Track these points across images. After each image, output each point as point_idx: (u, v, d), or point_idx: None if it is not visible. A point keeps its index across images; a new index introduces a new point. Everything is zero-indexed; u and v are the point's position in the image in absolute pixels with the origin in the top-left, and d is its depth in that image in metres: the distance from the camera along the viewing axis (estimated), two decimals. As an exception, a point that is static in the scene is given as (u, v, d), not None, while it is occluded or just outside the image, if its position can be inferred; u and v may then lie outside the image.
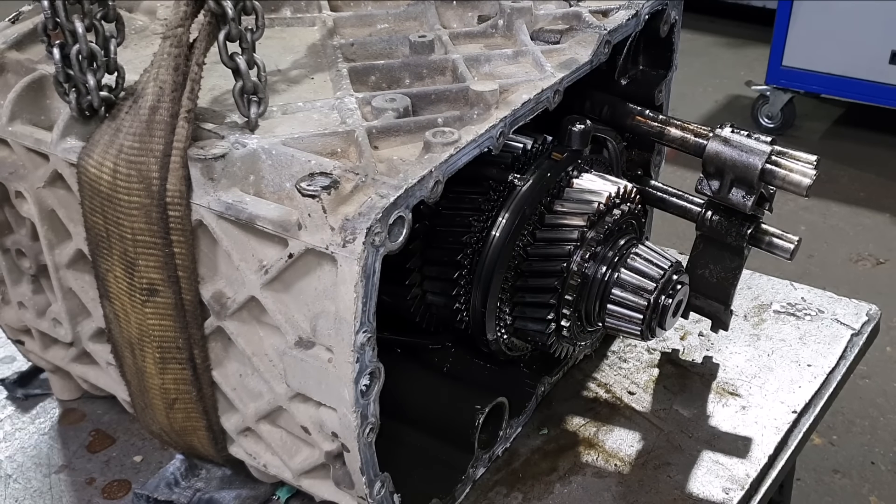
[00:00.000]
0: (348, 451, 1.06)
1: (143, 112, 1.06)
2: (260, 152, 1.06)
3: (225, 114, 1.12)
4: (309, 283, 1.02)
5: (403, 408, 1.21)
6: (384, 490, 1.11)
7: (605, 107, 1.39)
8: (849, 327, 1.55)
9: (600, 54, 1.24)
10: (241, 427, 1.19)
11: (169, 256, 1.08)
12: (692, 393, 1.43)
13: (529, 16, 1.30)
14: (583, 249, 1.20)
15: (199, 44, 1.05)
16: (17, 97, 1.19)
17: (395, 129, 1.09)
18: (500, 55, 1.23)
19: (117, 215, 1.08)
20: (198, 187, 1.04)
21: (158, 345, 1.14)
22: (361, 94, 1.16)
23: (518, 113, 1.11)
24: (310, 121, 1.12)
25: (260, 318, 1.09)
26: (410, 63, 1.23)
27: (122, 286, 1.13)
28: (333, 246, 0.96)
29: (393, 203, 0.96)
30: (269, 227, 1.00)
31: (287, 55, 1.27)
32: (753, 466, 1.29)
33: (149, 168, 1.05)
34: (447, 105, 1.15)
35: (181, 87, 1.05)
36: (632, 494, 1.26)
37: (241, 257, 1.05)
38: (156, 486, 1.29)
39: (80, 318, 1.29)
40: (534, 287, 1.22)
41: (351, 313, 0.96)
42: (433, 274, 1.24)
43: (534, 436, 1.37)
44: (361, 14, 1.36)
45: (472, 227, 1.20)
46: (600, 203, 1.22)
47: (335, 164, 1.02)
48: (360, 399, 1.02)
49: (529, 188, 1.20)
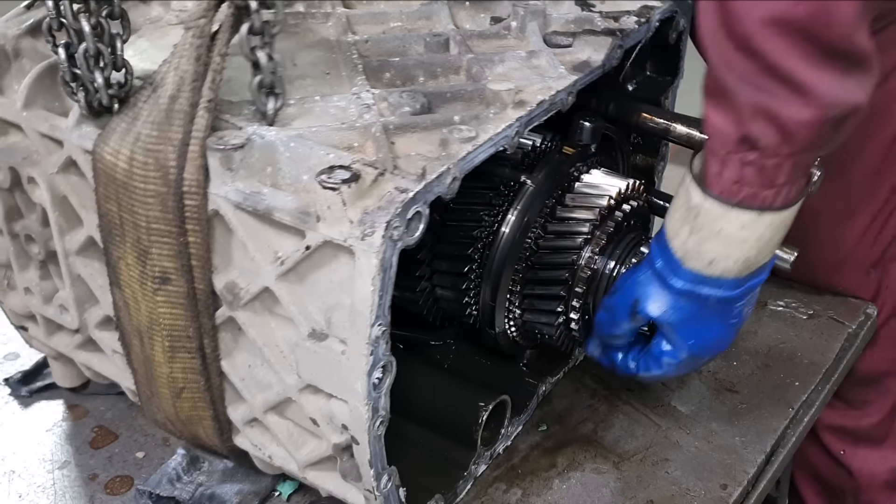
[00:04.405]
0: (357, 444, 1.07)
1: (162, 101, 1.07)
2: (278, 144, 1.07)
3: (243, 105, 1.12)
4: (325, 275, 1.03)
5: (405, 404, 1.21)
6: (391, 483, 1.12)
7: (610, 103, 1.42)
8: (846, 325, 1.57)
9: (612, 58, 1.26)
10: (248, 417, 1.20)
11: (183, 245, 1.08)
12: (690, 390, 1.45)
13: (542, 19, 1.32)
14: (592, 243, 1.23)
15: (221, 34, 1.05)
16: (32, 83, 1.19)
17: (413, 125, 1.10)
18: (513, 56, 1.25)
19: (132, 203, 1.09)
20: (215, 177, 1.05)
21: (168, 333, 1.14)
22: (378, 90, 1.17)
23: (534, 113, 1.13)
24: (326, 115, 1.13)
25: (272, 308, 1.10)
26: (425, 61, 1.25)
27: (133, 274, 1.13)
28: (352, 239, 0.97)
29: (412, 198, 0.97)
30: (286, 218, 1.01)
31: (302, 50, 1.28)
32: (751, 463, 1.32)
33: (166, 157, 1.06)
34: (463, 103, 1.16)
35: (202, 77, 1.05)
36: (630, 490, 1.28)
37: (257, 248, 1.06)
38: (158, 482, 1.30)
39: (87, 304, 1.29)
40: (544, 279, 1.24)
41: (367, 306, 0.97)
42: (443, 268, 1.26)
43: (533, 432, 1.38)
44: (375, 12, 1.37)
45: (483, 222, 1.22)
46: (610, 198, 1.25)
47: (354, 157, 1.03)
48: (372, 392, 1.03)
49: (541, 182, 1.23)
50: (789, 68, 0.95)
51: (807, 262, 1.47)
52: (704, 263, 1.10)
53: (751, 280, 1.13)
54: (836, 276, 1.61)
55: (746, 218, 1.06)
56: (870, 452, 1.68)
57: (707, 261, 1.10)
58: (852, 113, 0.99)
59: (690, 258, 1.11)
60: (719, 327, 1.17)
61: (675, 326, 1.16)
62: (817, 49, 0.94)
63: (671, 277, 1.13)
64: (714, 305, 1.13)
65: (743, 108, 1.00)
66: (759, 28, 0.95)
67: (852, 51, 0.95)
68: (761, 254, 1.10)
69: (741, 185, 1.04)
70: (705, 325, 1.16)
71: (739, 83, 0.99)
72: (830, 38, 0.94)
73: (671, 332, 1.17)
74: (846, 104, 0.98)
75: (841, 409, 1.64)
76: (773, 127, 0.99)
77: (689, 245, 1.10)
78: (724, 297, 1.12)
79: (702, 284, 1.11)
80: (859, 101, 0.99)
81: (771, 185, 1.04)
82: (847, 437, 1.68)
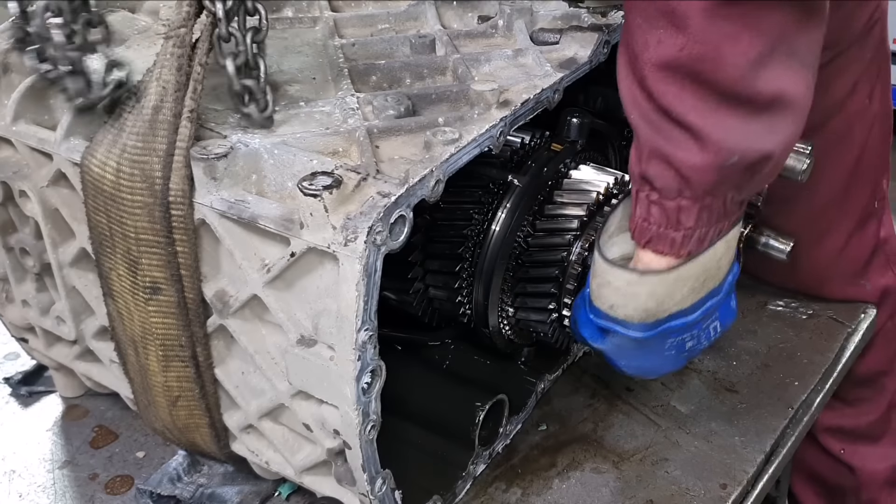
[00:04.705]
0: (350, 449, 1.07)
1: (146, 112, 1.07)
2: (262, 151, 1.07)
3: (228, 113, 1.13)
4: (311, 281, 1.03)
5: (403, 405, 1.22)
6: (385, 487, 1.12)
7: (598, 98, 1.41)
8: (845, 325, 1.56)
9: (599, 54, 1.25)
10: (244, 424, 1.20)
11: (172, 255, 1.09)
12: (690, 389, 1.44)
13: (529, 16, 1.31)
14: (582, 239, 1.22)
15: (201, 44, 1.06)
16: (21, 97, 1.20)
17: (396, 128, 1.10)
18: (500, 55, 1.24)
19: (120, 214, 1.09)
20: (200, 186, 1.05)
21: (161, 343, 1.15)
22: (363, 94, 1.17)
23: (518, 112, 1.12)
24: (311, 120, 1.13)
25: (262, 316, 1.10)
26: (411, 63, 1.24)
27: (125, 284, 1.14)
28: (335, 245, 0.97)
29: (394, 202, 0.97)
30: (271, 226, 1.02)
31: (289, 55, 1.28)
32: (750, 462, 1.30)
33: (152, 167, 1.06)
34: (448, 105, 1.16)
35: (184, 87, 1.06)
36: (630, 490, 1.28)
37: (244, 256, 1.06)
38: (158, 482, 1.30)
39: (83, 315, 1.30)
40: (535, 277, 1.24)
41: (352, 312, 0.97)
42: (435, 267, 1.26)
43: (532, 432, 1.38)
44: (362, 14, 1.37)
45: (474, 220, 1.22)
46: (599, 193, 1.24)
47: (337, 163, 1.03)
48: (361, 397, 1.03)
49: (529, 180, 1.22)
50: (681, 112, 0.91)
51: (796, 278, 1.47)
52: (606, 307, 1.06)
53: (668, 323, 1.05)
54: (825, 288, 1.59)
55: (628, 277, 1.03)
56: (869, 450, 1.66)
57: (608, 305, 1.06)
58: (763, 160, 0.94)
59: (595, 298, 1.08)
60: (655, 357, 1.11)
61: (606, 352, 1.13)
62: (711, 92, 0.90)
63: (589, 311, 1.10)
64: (637, 342, 1.07)
65: (643, 145, 0.97)
66: (652, 70, 0.91)
67: (754, 95, 0.90)
68: (663, 304, 1.03)
69: (649, 224, 1.01)
70: (637, 355, 1.12)
71: (640, 120, 0.96)
72: (724, 82, 0.89)
73: (606, 355, 1.15)
74: (749, 150, 0.93)
75: (838, 408, 1.62)
76: (669, 170, 0.96)
77: (593, 286, 1.08)
78: (640, 338, 1.06)
79: (612, 323, 1.07)
80: (768, 149, 0.93)
81: (677, 226, 0.99)
82: (846, 436, 1.67)
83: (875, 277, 1.59)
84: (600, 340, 1.12)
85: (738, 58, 0.88)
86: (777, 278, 1.59)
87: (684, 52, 0.89)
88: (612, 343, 1.11)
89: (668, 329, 1.06)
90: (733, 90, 0.90)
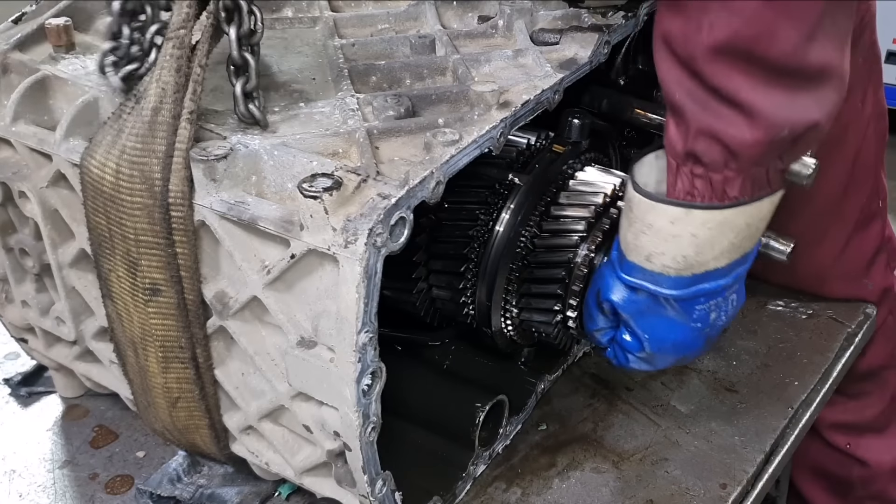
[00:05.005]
0: (350, 450, 1.07)
1: (145, 113, 1.07)
2: (262, 153, 1.07)
3: (227, 115, 1.12)
4: (311, 283, 1.03)
5: (403, 405, 1.22)
6: (385, 488, 1.12)
7: (603, 100, 1.41)
8: (845, 325, 1.56)
9: (599, 54, 1.25)
10: (244, 425, 1.20)
11: (171, 257, 1.09)
12: (690, 389, 1.44)
13: (529, 16, 1.31)
14: (588, 241, 1.22)
15: (201, 45, 1.05)
16: (20, 97, 1.19)
17: (396, 129, 1.10)
18: (500, 55, 1.24)
19: (120, 215, 1.09)
20: (200, 188, 1.05)
21: (161, 344, 1.15)
22: (362, 95, 1.16)
23: (518, 113, 1.12)
24: (311, 121, 1.13)
25: (262, 317, 1.10)
26: (411, 63, 1.24)
27: (124, 286, 1.14)
28: (335, 246, 0.97)
29: (395, 204, 0.97)
30: (271, 227, 1.01)
31: (288, 56, 1.28)
32: (750, 462, 1.31)
33: (151, 169, 1.06)
34: (448, 105, 1.16)
35: (183, 89, 1.05)
36: (630, 489, 1.28)
37: (244, 257, 1.06)
38: (158, 482, 1.30)
39: (83, 316, 1.30)
40: (540, 278, 1.24)
41: (353, 313, 0.97)
42: (439, 267, 1.26)
43: (532, 431, 1.38)
44: (362, 14, 1.37)
45: (479, 221, 1.22)
46: (605, 195, 1.24)
47: (337, 164, 1.03)
48: (361, 398, 1.03)
49: (533, 181, 1.22)
50: (732, 89, 0.93)
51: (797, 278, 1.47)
52: (642, 258, 1.08)
53: (701, 283, 1.08)
54: (826, 288, 1.60)
55: (674, 212, 1.04)
56: (874, 442, 1.67)
57: (644, 255, 1.08)
58: (809, 130, 0.97)
59: (630, 251, 1.09)
60: (680, 327, 1.13)
61: (632, 318, 1.14)
62: (762, 69, 0.92)
63: (619, 269, 1.11)
64: (667, 303, 1.10)
65: (690, 123, 0.99)
66: (704, 53, 0.93)
67: (804, 68, 0.93)
68: (702, 254, 1.05)
69: (693, 198, 1.03)
70: (663, 323, 1.13)
71: (686, 100, 0.98)
72: (776, 58, 0.92)
73: (629, 323, 1.15)
74: (798, 123, 0.95)
75: (841, 403, 1.62)
76: (717, 146, 0.98)
77: (629, 238, 1.09)
78: (672, 296, 1.09)
79: (645, 279, 1.09)
80: (815, 119, 0.96)
81: (723, 197, 1.02)
82: (851, 430, 1.67)
83: (877, 277, 1.59)
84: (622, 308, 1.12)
85: (791, 35, 0.90)
86: (778, 278, 1.60)
87: (740, 34, 0.91)
88: (636, 308, 1.12)
89: (701, 290, 1.08)
90: (785, 66, 0.92)
